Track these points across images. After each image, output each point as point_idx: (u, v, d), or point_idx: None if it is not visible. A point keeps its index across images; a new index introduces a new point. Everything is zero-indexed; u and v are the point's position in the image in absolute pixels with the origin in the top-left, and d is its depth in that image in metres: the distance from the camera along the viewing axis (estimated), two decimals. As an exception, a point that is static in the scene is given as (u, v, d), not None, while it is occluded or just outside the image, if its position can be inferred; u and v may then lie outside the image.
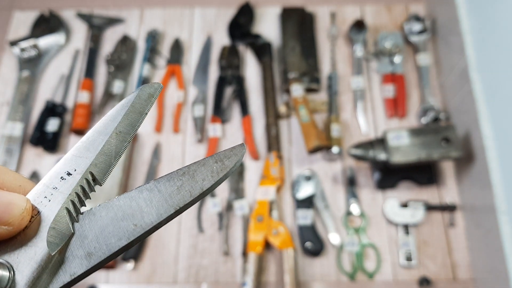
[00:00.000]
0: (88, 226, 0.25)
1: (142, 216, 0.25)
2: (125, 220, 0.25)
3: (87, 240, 0.25)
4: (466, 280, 0.96)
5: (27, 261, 0.24)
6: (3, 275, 0.23)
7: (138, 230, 0.25)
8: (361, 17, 1.24)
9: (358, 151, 0.97)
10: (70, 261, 0.24)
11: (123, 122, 0.28)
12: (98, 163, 0.27)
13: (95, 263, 0.24)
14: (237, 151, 0.26)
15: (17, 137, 1.10)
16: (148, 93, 0.29)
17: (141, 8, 1.29)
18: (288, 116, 1.12)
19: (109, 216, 0.25)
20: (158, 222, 0.25)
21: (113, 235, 0.25)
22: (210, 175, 0.26)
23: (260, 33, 1.23)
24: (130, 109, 0.28)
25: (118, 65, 1.19)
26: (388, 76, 1.15)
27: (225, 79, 1.16)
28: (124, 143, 0.28)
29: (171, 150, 1.11)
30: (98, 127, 0.28)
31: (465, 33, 1.00)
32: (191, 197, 0.25)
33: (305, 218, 1.00)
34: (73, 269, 0.24)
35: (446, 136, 0.96)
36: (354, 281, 0.96)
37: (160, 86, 0.29)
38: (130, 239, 0.25)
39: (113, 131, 0.27)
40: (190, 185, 0.26)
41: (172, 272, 0.99)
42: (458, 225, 1.01)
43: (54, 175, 0.26)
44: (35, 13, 1.27)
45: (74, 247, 0.25)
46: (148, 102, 0.29)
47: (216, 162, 0.26)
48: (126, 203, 0.26)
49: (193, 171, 0.26)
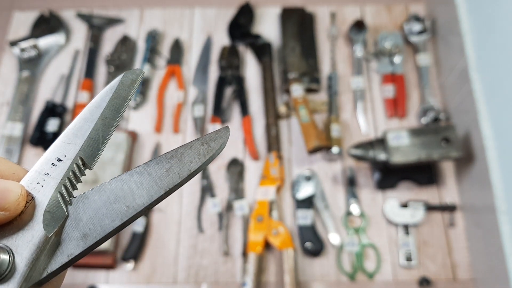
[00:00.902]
0: (82, 209, 0.26)
1: (134, 198, 0.26)
2: (118, 202, 0.26)
3: (82, 222, 0.26)
4: (466, 280, 0.96)
5: (25, 244, 0.25)
6: (4, 259, 0.24)
7: (131, 211, 0.26)
8: (361, 17, 1.24)
9: (358, 151, 0.97)
10: (67, 242, 0.26)
11: (108, 108, 0.29)
12: (87, 148, 0.28)
13: (91, 244, 0.25)
14: (222, 134, 0.28)
15: (17, 137, 1.10)
16: (131, 79, 0.30)
17: (141, 8, 1.29)
18: (288, 116, 1.12)
19: (102, 199, 0.26)
20: (149, 203, 0.26)
21: (107, 216, 0.26)
22: (197, 157, 0.27)
23: (260, 33, 1.23)
24: (114, 95, 0.29)
25: (118, 65, 1.19)
26: (388, 76, 1.15)
27: (225, 79, 1.16)
28: (110, 127, 0.29)
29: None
30: (84, 114, 0.29)
31: (465, 33, 1.00)
32: (179, 179, 0.27)
33: (305, 218, 1.00)
34: (70, 250, 0.25)
35: (446, 136, 0.96)
36: (354, 281, 0.96)
37: (142, 72, 0.30)
38: (123, 220, 0.26)
39: (99, 117, 0.29)
40: (178, 167, 0.27)
41: (172, 272, 0.99)
42: (458, 225, 1.00)
43: (45, 162, 0.27)
44: (35, 13, 1.27)
45: (70, 230, 0.26)
46: (131, 87, 0.30)
47: (203, 145, 0.27)
48: (118, 186, 0.27)
49: (180, 154, 0.27)
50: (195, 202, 1.04)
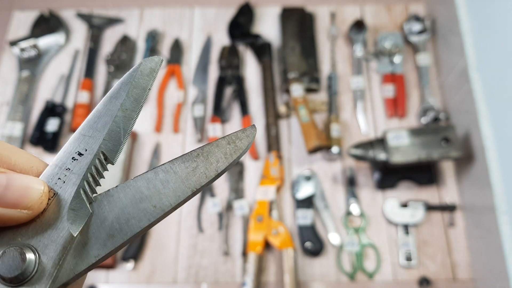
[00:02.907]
0: (108, 207, 0.25)
1: (160, 197, 0.25)
2: (144, 201, 0.25)
3: (108, 221, 0.25)
4: (466, 280, 0.96)
5: (51, 243, 0.24)
6: (30, 259, 0.23)
7: (158, 211, 0.25)
8: (361, 17, 1.24)
9: (358, 151, 0.97)
10: (93, 243, 0.25)
11: (127, 99, 0.27)
12: (108, 141, 0.27)
13: (118, 245, 0.25)
14: (248, 133, 0.27)
15: (17, 137, 1.10)
16: (150, 67, 0.28)
17: (140, 8, 1.29)
18: (288, 116, 1.12)
19: (128, 197, 0.25)
20: (176, 204, 0.25)
21: (133, 216, 0.25)
22: (223, 157, 0.26)
23: (260, 33, 1.23)
24: (133, 85, 0.28)
25: (118, 65, 1.19)
26: (388, 76, 1.15)
27: (225, 79, 1.16)
28: (131, 120, 0.27)
29: (171, 150, 1.11)
30: (102, 105, 0.27)
31: (465, 33, 1.00)
32: (206, 179, 0.26)
33: (305, 218, 1.00)
34: (97, 251, 0.24)
35: (446, 136, 0.96)
36: (354, 281, 0.96)
37: (160, 60, 0.29)
38: (150, 221, 0.25)
39: (119, 109, 0.27)
40: (205, 167, 0.26)
41: (172, 272, 0.99)
42: (458, 225, 1.01)
43: (65, 156, 0.26)
44: (35, 13, 1.27)
45: (95, 229, 0.25)
46: (151, 77, 0.28)
47: (229, 144, 0.26)
48: (143, 184, 0.26)
49: (207, 152, 0.26)
50: (195, 201, 1.04)
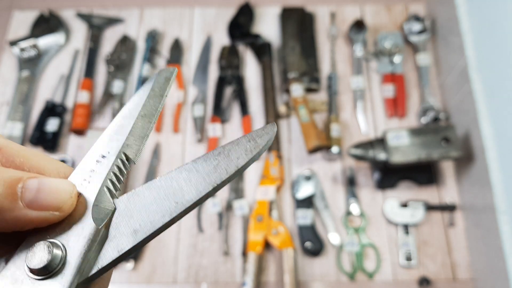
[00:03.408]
0: (133, 205, 0.27)
1: (183, 194, 0.27)
2: (167, 198, 0.27)
3: (133, 218, 0.26)
4: (466, 280, 0.96)
5: (77, 238, 0.25)
6: (56, 253, 0.24)
7: (180, 207, 0.26)
8: (361, 17, 1.24)
9: (358, 151, 0.97)
10: (118, 238, 0.26)
11: (145, 105, 0.30)
12: (130, 143, 0.29)
13: (141, 239, 0.26)
14: (268, 130, 0.28)
15: (17, 137, 1.10)
16: (165, 77, 0.31)
17: (140, 8, 1.29)
18: (288, 116, 1.12)
19: (152, 195, 0.27)
20: (198, 199, 0.26)
21: (157, 212, 0.26)
22: (244, 154, 0.27)
23: (260, 33, 1.23)
24: (151, 93, 0.31)
25: (117, 65, 1.19)
26: (388, 76, 1.15)
27: (225, 79, 1.16)
28: (150, 124, 0.30)
29: (171, 150, 1.11)
30: (124, 113, 0.30)
31: (465, 33, 1.00)
32: (227, 174, 0.27)
33: (305, 218, 1.00)
34: (121, 246, 0.26)
35: (446, 136, 0.96)
36: (354, 281, 0.96)
37: (175, 70, 0.32)
38: (172, 216, 0.26)
39: (138, 115, 0.30)
40: (225, 164, 0.27)
41: (172, 272, 0.99)
42: (458, 225, 1.01)
43: (89, 159, 0.28)
44: (35, 13, 1.27)
45: (121, 226, 0.26)
46: (166, 85, 0.31)
47: (249, 141, 0.27)
48: (167, 183, 0.27)
49: (228, 150, 0.27)
50: (195, 202, 1.04)
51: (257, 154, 0.27)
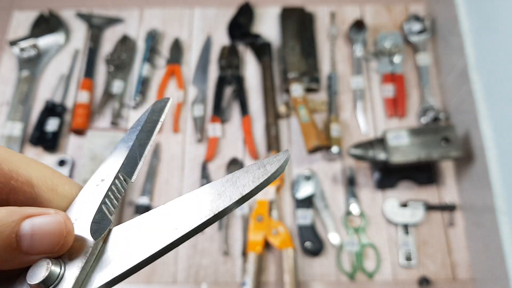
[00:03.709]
0: (135, 230, 0.28)
1: (183, 220, 0.27)
2: (167, 223, 0.27)
3: (132, 243, 0.27)
4: (465, 280, 0.96)
5: (76, 257, 0.26)
6: (54, 270, 0.25)
7: (179, 232, 0.27)
8: (360, 17, 1.24)
9: (357, 151, 0.97)
10: (114, 261, 0.27)
11: (142, 131, 0.32)
12: (126, 165, 0.30)
13: (136, 263, 0.27)
14: (280, 157, 0.28)
15: (16, 137, 1.10)
16: (160, 106, 0.33)
17: (140, 8, 1.29)
18: (288, 116, 1.12)
19: (154, 220, 0.28)
20: (197, 226, 0.27)
21: (155, 237, 0.27)
22: (251, 181, 0.27)
23: (260, 33, 1.23)
24: (147, 120, 0.33)
25: (117, 65, 1.19)
26: (388, 76, 1.15)
27: (225, 79, 1.16)
28: (145, 146, 0.31)
29: (171, 150, 1.11)
30: (123, 138, 0.33)
31: (465, 33, 1.00)
32: (230, 201, 0.27)
33: (305, 218, 1.00)
34: (115, 269, 0.27)
35: (445, 136, 0.96)
36: (354, 281, 0.96)
37: (169, 100, 0.34)
38: (170, 241, 0.27)
39: (135, 139, 0.32)
40: (231, 191, 0.27)
41: (172, 272, 0.99)
42: (458, 225, 1.01)
43: (91, 184, 0.30)
44: (35, 13, 1.27)
45: (118, 249, 0.27)
46: (161, 112, 0.33)
47: (259, 168, 0.27)
48: (169, 208, 0.28)
49: (236, 177, 0.28)
50: (195, 201, 1.04)
51: (265, 181, 0.27)
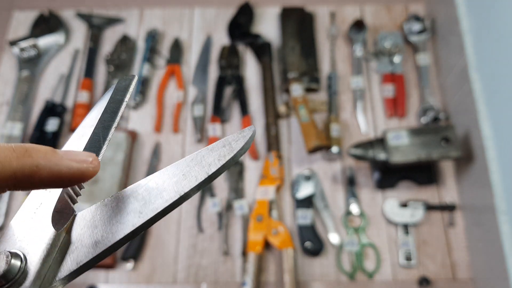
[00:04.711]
0: (99, 216, 0.26)
1: (147, 204, 0.26)
2: (133, 208, 0.26)
3: (97, 229, 0.26)
4: (465, 280, 0.96)
5: (36, 245, 0.25)
6: (15, 263, 0.24)
7: (143, 217, 0.25)
8: (360, 17, 1.24)
9: (357, 151, 0.97)
10: (79, 249, 0.25)
11: (105, 112, 0.30)
12: (89, 149, 0.29)
13: (100, 251, 0.25)
14: (245, 134, 0.26)
15: (16, 137, 1.10)
16: (124, 85, 0.32)
17: (140, 8, 1.29)
18: (288, 116, 1.12)
19: (119, 205, 0.26)
20: (163, 208, 0.25)
21: (120, 223, 0.26)
22: (217, 159, 0.26)
23: (259, 33, 1.23)
24: (110, 100, 0.31)
25: (117, 64, 1.19)
26: (388, 76, 1.15)
27: (225, 79, 1.16)
28: (109, 129, 0.30)
29: (170, 150, 1.11)
30: (84, 122, 0.31)
31: (465, 33, 1.00)
32: (196, 182, 0.25)
33: (305, 218, 1.00)
34: (80, 258, 0.25)
35: (445, 136, 0.96)
36: (354, 280, 0.96)
37: (134, 77, 0.32)
38: (135, 226, 0.25)
39: (98, 121, 0.30)
40: (196, 171, 0.26)
41: (172, 272, 0.99)
42: (458, 225, 1.01)
43: None
44: (35, 13, 1.27)
45: (84, 236, 0.26)
46: (125, 91, 0.31)
47: (224, 146, 0.26)
48: (135, 192, 0.26)
49: (201, 156, 0.26)
50: (195, 201, 1.04)
51: (231, 159, 0.26)
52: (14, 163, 0.23)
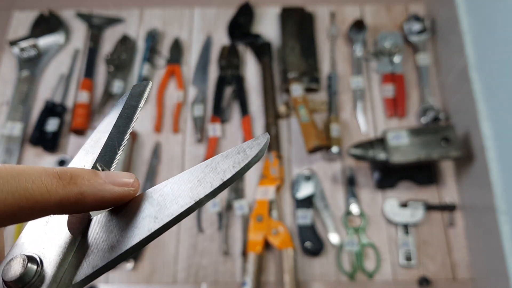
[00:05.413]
0: (115, 221, 0.26)
1: (163, 209, 0.26)
2: (148, 213, 0.26)
3: (112, 233, 0.26)
4: (465, 280, 0.96)
5: (52, 249, 0.25)
6: (31, 267, 0.24)
7: (159, 222, 0.25)
8: (360, 17, 1.24)
9: (357, 151, 0.97)
10: (94, 254, 0.26)
11: (120, 118, 0.31)
12: (104, 154, 0.29)
13: (116, 255, 0.25)
14: (260, 141, 0.26)
15: (16, 137, 1.10)
16: (139, 90, 0.32)
17: (140, 8, 1.29)
18: (288, 116, 1.12)
19: (134, 209, 0.26)
20: (178, 214, 0.25)
21: (135, 228, 0.26)
22: (231, 166, 0.26)
23: (259, 33, 1.23)
24: (125, 106, 0.31)
25: (117, 65, 1.19)
26: (388, 76, 1.15)
27: (225, 79, 1.16)
28: (124, 134, 0.30)
29: (171, 150, 1.11)
30: (99, 127, 0.31)
31: (465, 33, 1.00)
32: (211, 188, 0.26)
33: (305, 218, 1.00)
34: (96, 262, 0.25)
35: (445, 136, 0.96)
36: (354, 280, 0.96)
37: (148, 83, 0.32)
38: (150, 231, 0.25)
39: (113, 127, 0.30)
40: (211, 177, 0.26)
41: (172, 272, 0.99)
42: (458, 225, 1.01)
43: None
44: (35, 13, 1.27)
45: (100, 241, 0.26)
46: (140, 97, 0.32)
47: (239, 153, 0.26)
48: (150, 197, 0.27)
49: (216, 162, 0.26)
50: (195, 201, 1.04)
51: (246, 166, 0.26)
52: (60, 192, 0.23)
